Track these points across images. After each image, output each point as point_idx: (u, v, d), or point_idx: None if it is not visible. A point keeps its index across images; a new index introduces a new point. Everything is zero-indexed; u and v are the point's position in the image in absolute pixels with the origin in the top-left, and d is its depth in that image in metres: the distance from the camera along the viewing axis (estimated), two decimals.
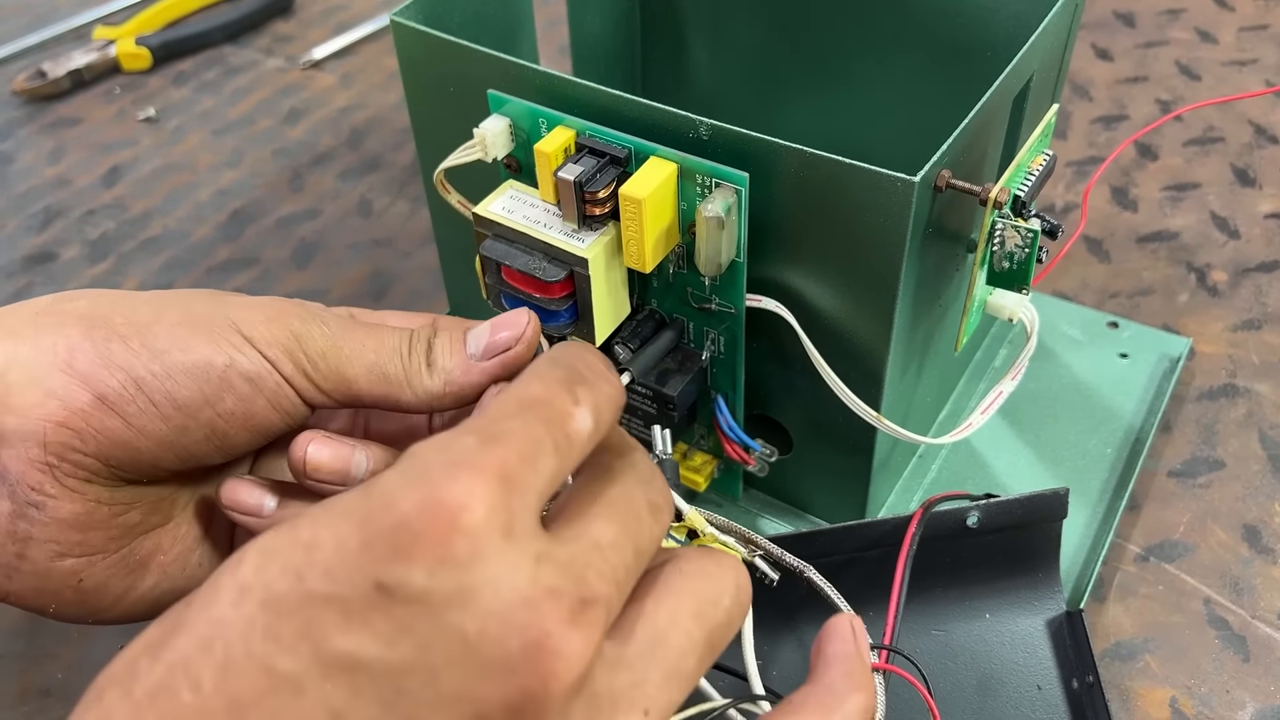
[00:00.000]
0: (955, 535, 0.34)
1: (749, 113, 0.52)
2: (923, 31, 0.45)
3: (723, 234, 0.32)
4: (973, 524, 0.34)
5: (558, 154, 0.33)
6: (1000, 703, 0.35)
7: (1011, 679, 0.35)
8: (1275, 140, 0.61)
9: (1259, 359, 0.49)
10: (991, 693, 0.35)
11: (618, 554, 0.22)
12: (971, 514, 0.34)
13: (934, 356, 0.40)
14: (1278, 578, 0.40)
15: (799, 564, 0.32)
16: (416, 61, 0.39)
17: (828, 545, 0.35)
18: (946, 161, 0.32)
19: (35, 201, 0.62)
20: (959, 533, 0.34)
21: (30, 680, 0.40)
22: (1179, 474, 0.44)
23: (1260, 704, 0.37)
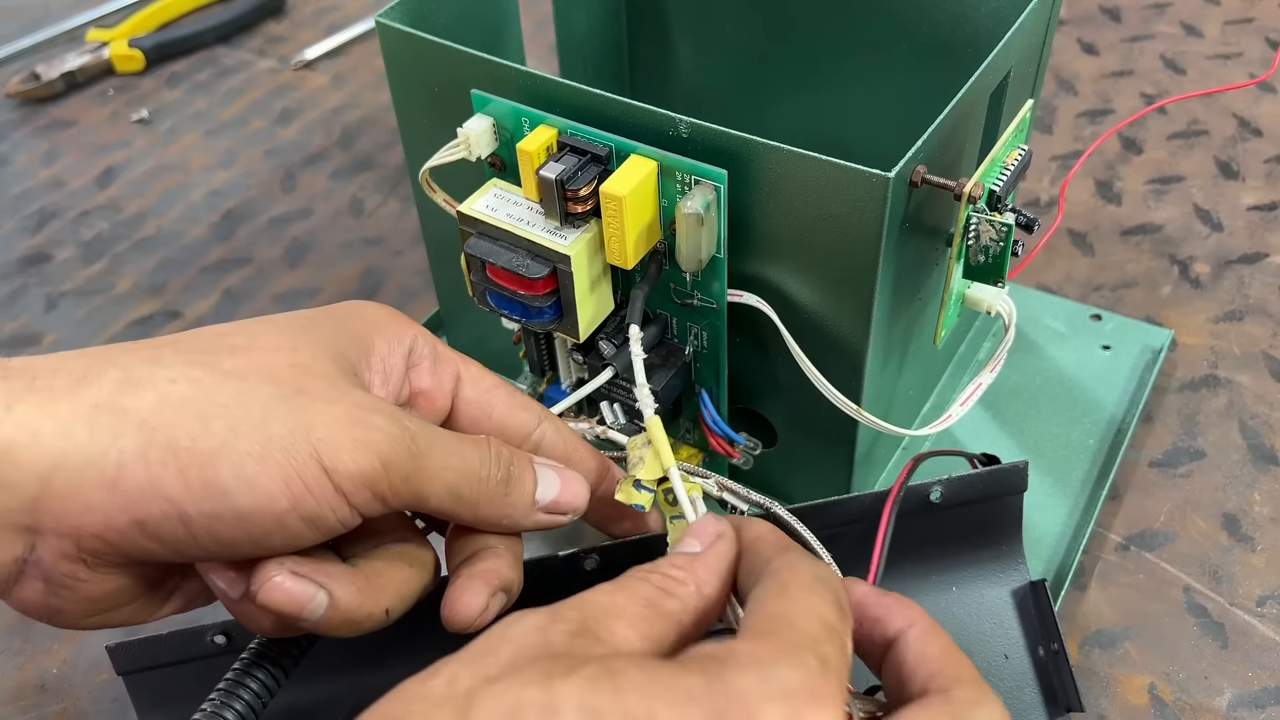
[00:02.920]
0: (920, 510, 0.35)
1: (735, 110, 0.53)
2: (905, 29, 0.46)
3: (702, 230, 0.33)
4: (936, 499, 0.35)
5: (540, 152, 0.34)
6: None
7: (979, 649, 0.36)
8: (1259, 133, 0.61)
9: (1240, 350, 0.49)
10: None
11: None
12: (935, 489, 0.35)
13: (914, 350, 0.40)
14: (1256, 566, 0.41)
15: (766, 500, 0.34)
16: (402, 62, 0.39)
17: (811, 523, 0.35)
18: (922, 157, 0.32)
19: (30, 203, 0.63)
20: (923, 508, 0.35)
21: (26, 675, 0.40)
22: (1160, 464, 0.45)
23: (1238, 690, 0.38)
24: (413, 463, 0.27)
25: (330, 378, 0.28)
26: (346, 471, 0.26)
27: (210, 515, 0.25)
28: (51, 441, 0.24)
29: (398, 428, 0.27)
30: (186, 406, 0.25)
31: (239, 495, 0.25)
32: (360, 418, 0.26)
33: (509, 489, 0.30)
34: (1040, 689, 0.35)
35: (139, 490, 0.25)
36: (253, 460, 0.25)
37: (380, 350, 0.30)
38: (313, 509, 0.26)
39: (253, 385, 0.26)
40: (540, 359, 0.41)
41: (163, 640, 0.34)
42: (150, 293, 0.57)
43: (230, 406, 0.26)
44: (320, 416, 0.26)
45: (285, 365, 0.27)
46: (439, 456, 0.28)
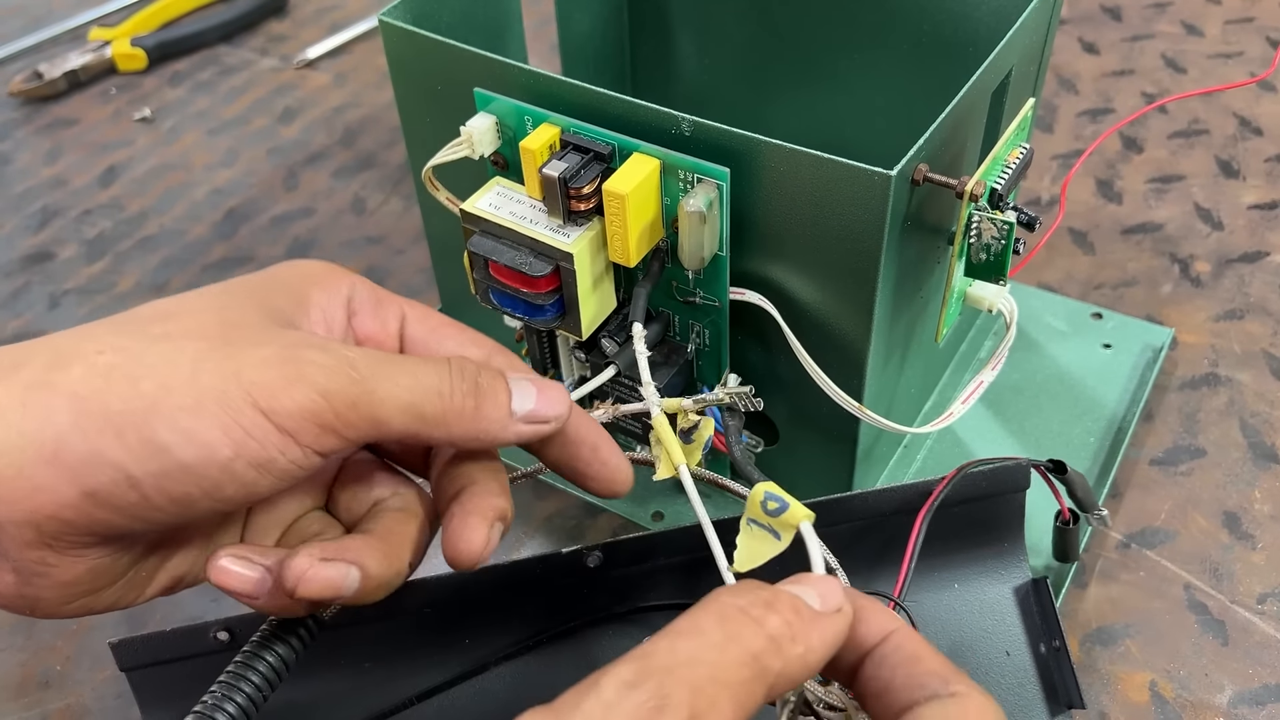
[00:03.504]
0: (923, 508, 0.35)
1: (737, 109, 0.53)
2: (906, 28, 0.46)
3: (705, 228, 0.33)
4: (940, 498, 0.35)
5: (543, 151, 0.34)
6: (971, 669, 0.36)
7: (981, 646, 0.36)
8: (1259, 132, 0.61)
9: (1240, 348, 0.49)
10: (962, 660, 0.36)
11: None
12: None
13: (916, 348, 0.41)
14: (1257, 563, 0.41)
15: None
16: (405, 61, 0.39)
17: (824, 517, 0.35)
18: (924, 155, 0.32)
19: (32, 201, 0.63)
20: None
21: (30, 672, 0.40)
22: (1161, 462, 0.45)
23: (1238, 687, 0.38)
24: (358, 389, 0.26)
25: (259, 326, 0.27)
26: (285, 410, 0.25)
27: (157, 474, 0.25)
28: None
29: (332, 358, 0.26)
30: (114, 373, 0.25)
31: (179, 449, 0.25)
32: (291, 355, 0.26)
33: (479, 401, 0.28)
34: (1041, 686, 0.35)
35: (81, 460, 0.25)
36: (186, 413, 0.25)
37: (318, 301, 0.30)
38: (258, 453, 0.25)
39: (180, 344, 0.26)
40: (542, 357, 0.41)
41: (166, 637, 0.34)
42: (153, 291, 0.57)
43: (158, 366, 0.26)
44: (249, 360, 0.26)
45: (213, 323, 0.27)
46: (389, 378, 0.27)
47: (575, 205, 0.33)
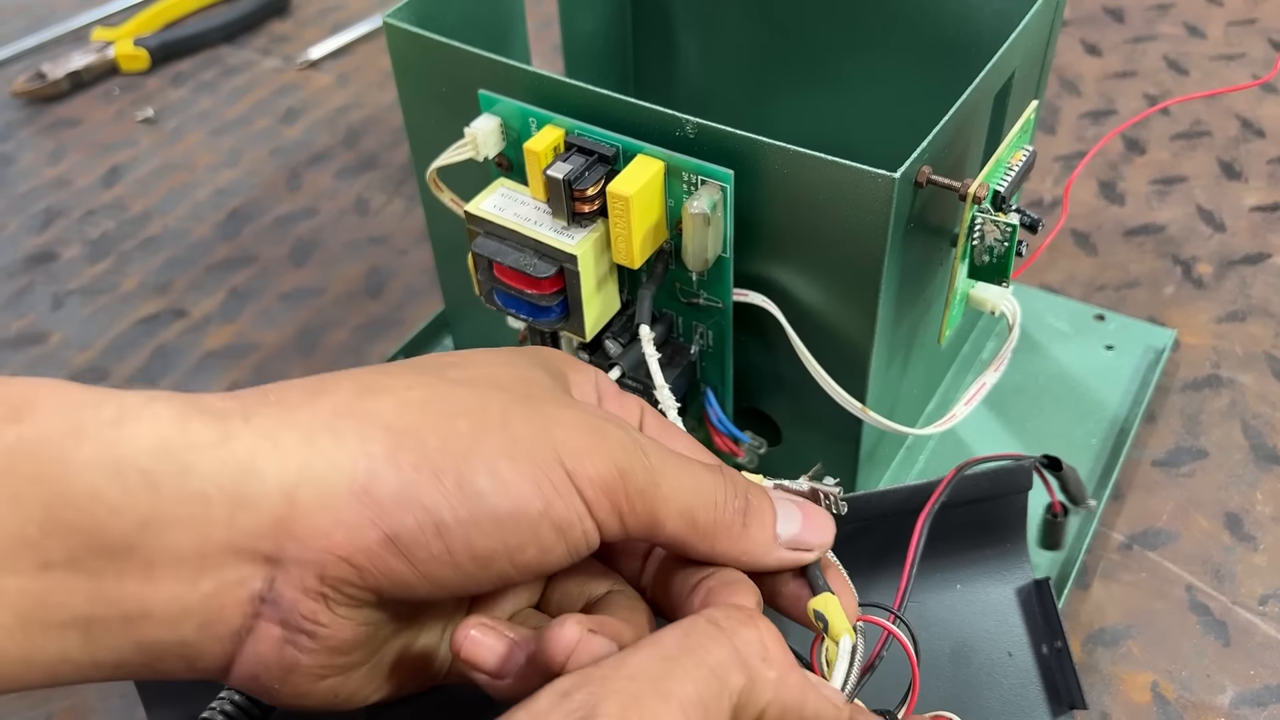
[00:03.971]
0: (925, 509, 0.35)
1: (740, 111, 0.53)
2: (909, 30, 0.46)
3: (709, 230, 0.33)
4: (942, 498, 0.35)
5: (547, 152, 0.34)
6: (974, 670, 0.36)
7: (983, 647, 0.36)
8: (1262, 134, 0.61)
9: (1243, 350, 0.49)
10: (965, 660, 0.36)
11: None
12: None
13: (919, 349, 0.41)
14: (1258, 565, 0.41)
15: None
16: (409, 62, 0.39)
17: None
18: (927, 158, 0.32)
19: (36, 202, 0.63)
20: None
21: None
22: (1163, 463, 0.45)
23: (1240, 688, 0.38)
24: (647, 476, 0.25)
25: (554, 390, 0.27)
26: (587, 475, 0.24)
27: (468, 522, 0.23)
28: (295, 450, 0.23)
29: (631, 439, 0.26)
30: (429, 408, 0.24)
31: (495, 497, 0.23)
32: (595, 425, 0.25)
33: (747, 519, 0.27)
34: (1044, 687, 0.36)
35: (393, 498, 0.23)
36: (504, 459, 0.24)
37: (575, 380, 0.29)
38: (562, 514, 0.24)
39: (484, 391, 0.25)
40: None
41: None
42: (156, 291, 0.57)
43: (471, 407, 0.24)
44: (557, 419, 0.25)
45: (511, 378, 0.26)
46: (672, 474, 0.26)
47: (579, 207, 0.34)
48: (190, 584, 0.22)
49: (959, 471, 0.35)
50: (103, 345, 0.54)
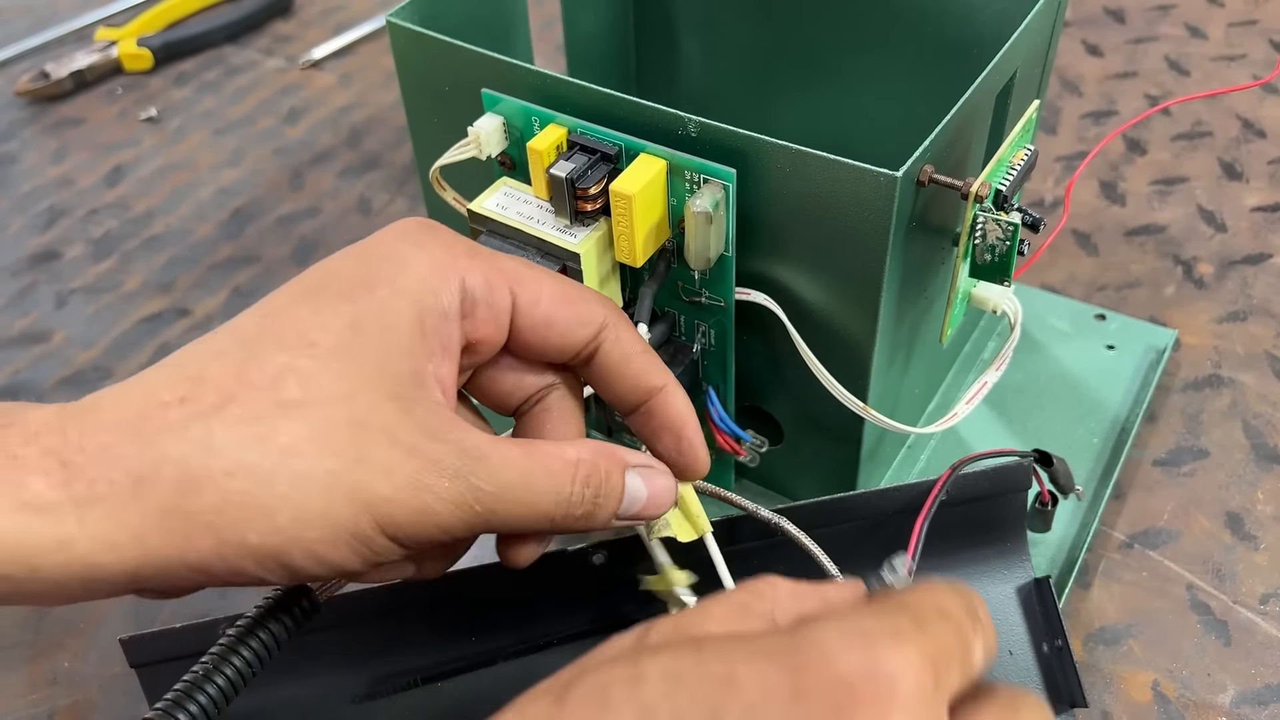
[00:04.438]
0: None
1: (742, 110, 0.53)
2: (910, 30, 0.46)
3: (711, 229, 0.33)
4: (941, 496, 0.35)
5: (550, 151, 0.34)
6: None
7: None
8: (1262, 134, 0.62)
9: (1243, 350, 0.49)
10: None
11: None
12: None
13: (920, 348, 0.41)
14: (1259, 564, 0.41)
15: (774, 517, 0.33)
16: (412, 62, 0.39)
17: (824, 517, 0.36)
18: (929, 157, 0.33)
19: (39, 201, 0.63)
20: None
21: (38, 669, 0.41)
22: (1164, 463, 0.45)
23: (1241, 687, 0.38)
24: (479, 521, 0.27)
25: (391, 432, 0.27)
26: (412, 539, 0.27)
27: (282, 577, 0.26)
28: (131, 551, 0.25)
29: (460, 493, 0.27)
30: (249, 504, 0.25)
31: (314, 569, 0.26)
32: (424, 487, 0.26)
33: (590, 521, 0.29)
34: (1044, 685, 0.36)
35: (224, 576, 0.26)
36: (323, 546, 0.26)
37: (432, 325, 0.29)
38: (380, 561, 0.27)
39: (312, 464, 0.26)
40: None
41: (175, 633, 0.34)
42: (159, 290, 0.57)
43: (292, 497, 0.25)
44: (381, 492, 0.26)
45: (343, 426, 0.26)
46: (508, 508, 0.27)
47: (582, 206, 0.34)
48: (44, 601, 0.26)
49: (955, 470, 0.35)
50: (106, 344, 0.54)
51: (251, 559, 0.25)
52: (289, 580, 0.27)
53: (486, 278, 0.29)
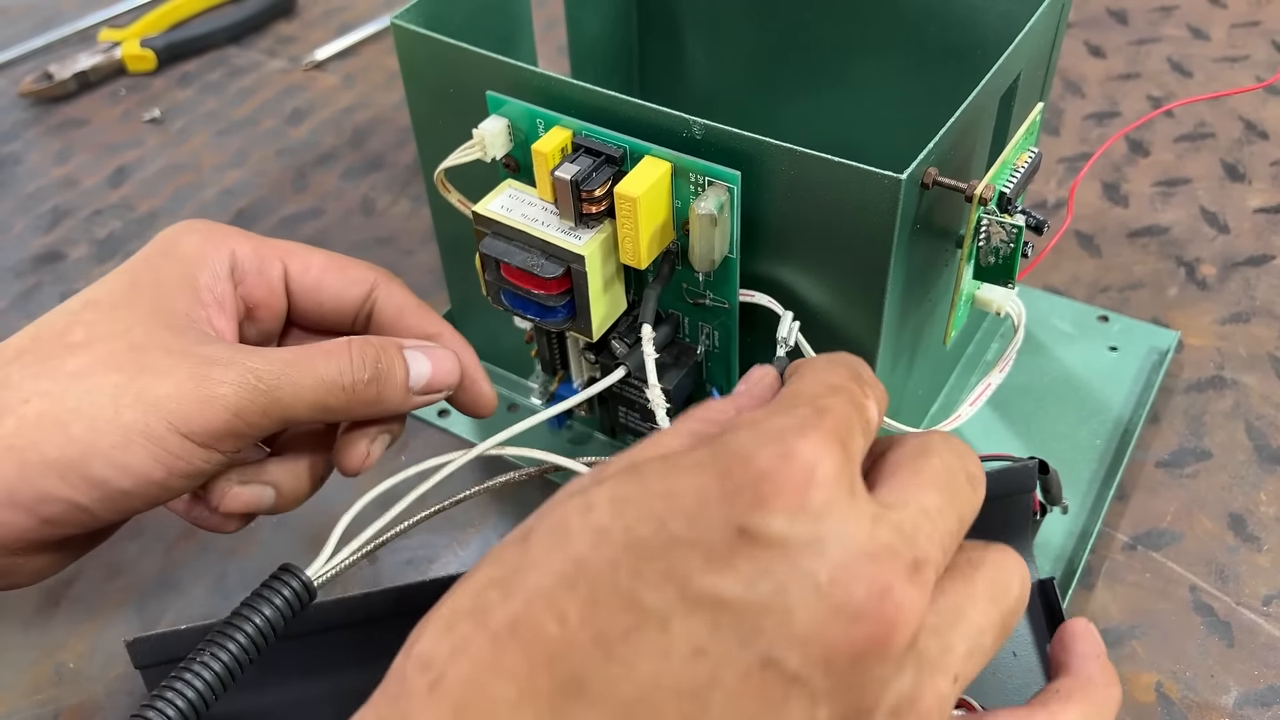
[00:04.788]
0: None
1: (746, 112, 0.53)
2: (914, 31, 0.46)
3: (715, 231, 0.33)
4: None
5: (555, 154, 0.34)
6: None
7: None
8: (1265, 136, 0.62)
9: (1246, 351, 0.50)
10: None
11: (944, 521, 0.24)
12: None
13: (924, 350, 0.41)
14: (1262, 565, 0.41)
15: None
16: (417, 63, 0.40)
17: None
18: (933, 159, 0.33)
19: (43, 202, 0.63)
20: None
21: (43, 669, 0.41)
22: (1167, 464, 0.45)
23: (1244, 688, 0.38)
24: (266, 399, 0.30)
25: (166, 346, 0.30)
26: (204, 431, 0.29)
27: (101, 500, 0.29)
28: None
29: (237, 373, 0.30)
30: (44, 421, 0.28)
31: (118, 480, 0.29)
32: (201, 375, 0.30)
33: (380, 387, 0.32)
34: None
35: (33, 500, 0.28)
36: (118, 450, 0.29)
37: (205, 283, 0.32)
38: (186, 468, 0.30)
39: (98, 380, 0.29)
40: (552, 358, 0.41)
41: (180, 635, 0.34)
42: None
43: (82, 408, 0.29)
44: (164, 390, 0.29)
45: (123, 350, 0.30)
46: (293, 382, 0.31)
47: (587, 208, 0.34)
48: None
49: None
50: None
51: (54, 473, 0.28)
52: (100, 500, 0.29)
53: (256, 250, 0.34)
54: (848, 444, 0.23)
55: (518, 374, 0.49)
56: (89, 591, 0.43)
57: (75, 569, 0.44)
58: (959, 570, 0.25)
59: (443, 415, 0.48)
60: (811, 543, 0.21)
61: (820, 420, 0.23)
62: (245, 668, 0.29)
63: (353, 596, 0.34)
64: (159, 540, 0.45)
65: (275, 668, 0.32)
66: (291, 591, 0.30)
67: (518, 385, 0.49)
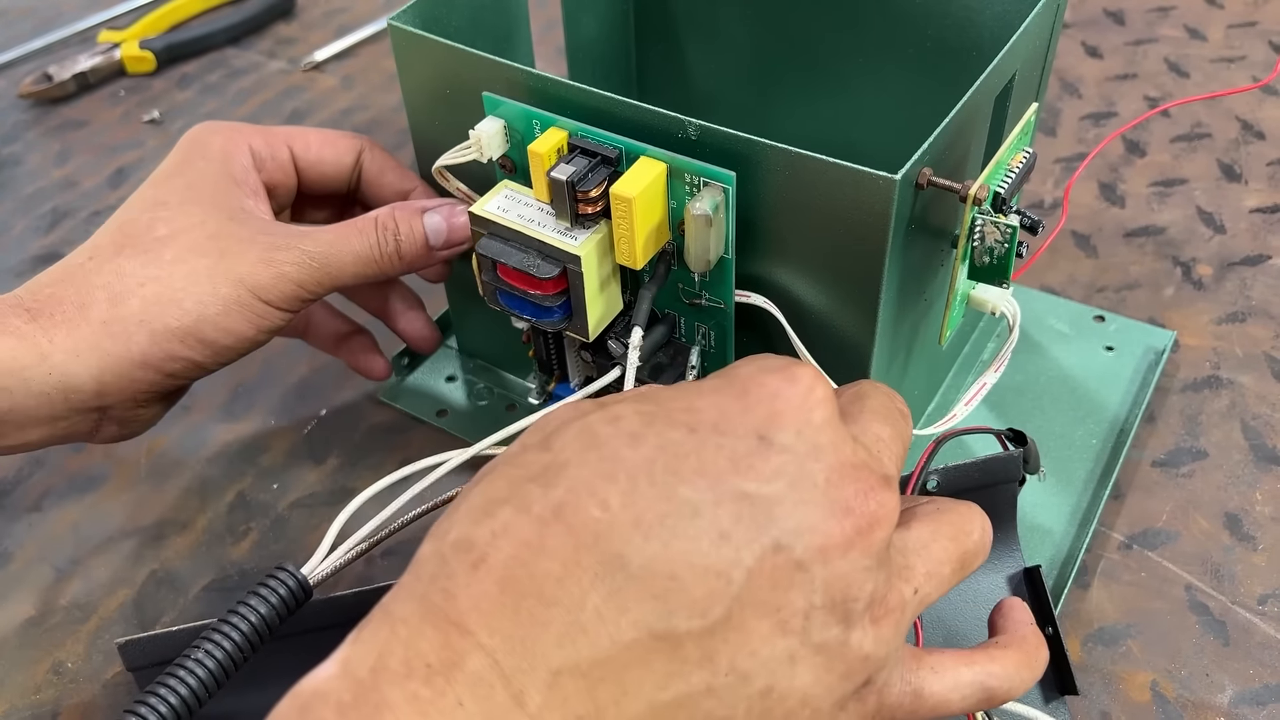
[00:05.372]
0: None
1: (742, 113, 0.53)
2: (910, 32, 0.46)
3: (711, 231, 0.33)
4: (933, 487, 0.35)
5: (551, 154, 0.34)
6: None
7: (976, 634, 0.36)
8: (1262, 136, 0.62)
9: (1242, 351, 0.50)
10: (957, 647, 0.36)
11: (895, 445, 0.29)
12: (931, 478, 0.35)
13: (919, 350, 0.41)
14: (1258, 565, 0.41)
15: None
16: (414, 65, 0.40)
17: None
18: (928, 160, 0.33)
19: (43, 203, 0.63)
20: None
21: (42, 669, 0.41)
22: (1163, 464, 0.45)
23: (1239, 687, 0.38)
24: (320, 272, 0.38)
25: (236, 234, 0.38)
26: (279, 298, 0.38)
27: (212, 355, 0.38)
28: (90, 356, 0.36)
29: (296, 255, 0.38)
30: (161, 299, 0.37)
31: (225, 340, 0.37)
32: (269, 258, 0.38)
33: (403, 250, 0.39)
34: None
35: (161, 360, 0.37)
36: (221, 317, 0.37)
37: (239, 176, 0.40)
38: (270, 325, 0.38)
39: (194, 265, 0.37)
40: (549, 357, 0.41)
41: (172, 636, 0.34)
42: None
43: (189, 288, 0.37)
44: (244, 269, 0.37)
45: (205, 240, 0.37)
46: (336, 258, 0.38)
47: (583, 208, 0.34)
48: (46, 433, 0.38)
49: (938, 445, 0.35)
50: None
51: (176, 339, 0.37)
52: (210, 355, 0.37)
53: (267, 140, 0.42)
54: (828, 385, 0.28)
55: (515, 373, 0.49)
56: (87, 592, 0.43)
57: (74, 567, 0.44)
58: (925, 513, 0.29)
59: (441, 415, 0.48)
60: (813, 450, 0.26)
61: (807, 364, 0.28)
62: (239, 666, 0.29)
63: (348, 595, 0.34)
64: (157, 539, 0.45)
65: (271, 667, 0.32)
66: (287, 590, 0.30)
67: (515, 384, 0.49)
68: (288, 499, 0.46)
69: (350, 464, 0.47)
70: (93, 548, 0.45)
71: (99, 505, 0.46)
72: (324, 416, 0.49)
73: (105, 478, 0.47)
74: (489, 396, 0.49)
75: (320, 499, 0.46)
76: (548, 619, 0.23)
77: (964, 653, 0.29)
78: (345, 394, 0.50)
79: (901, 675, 0.28)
